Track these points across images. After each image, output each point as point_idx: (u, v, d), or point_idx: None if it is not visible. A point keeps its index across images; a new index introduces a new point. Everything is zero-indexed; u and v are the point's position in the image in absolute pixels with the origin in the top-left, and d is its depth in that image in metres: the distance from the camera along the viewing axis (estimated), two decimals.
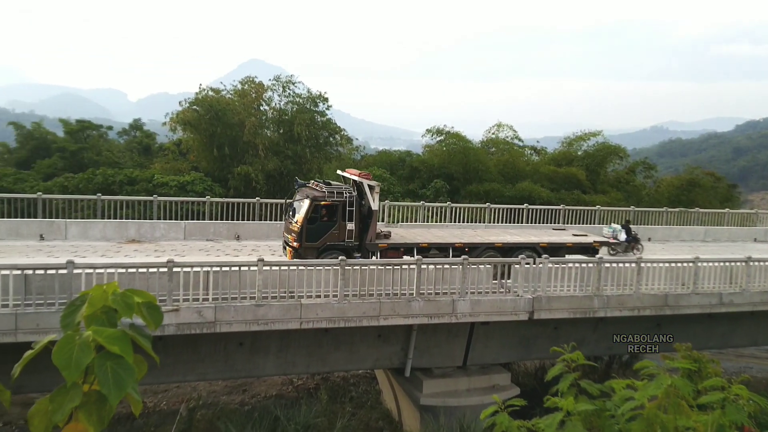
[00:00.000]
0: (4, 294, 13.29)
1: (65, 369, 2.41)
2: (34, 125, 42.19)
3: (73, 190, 27.69)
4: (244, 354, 16.57)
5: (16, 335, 13.18)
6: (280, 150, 32.81)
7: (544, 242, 20.11)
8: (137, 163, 36.94)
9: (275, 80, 34.87)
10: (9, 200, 22.04)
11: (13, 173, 31.22)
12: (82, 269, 13.91)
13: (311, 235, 18.15)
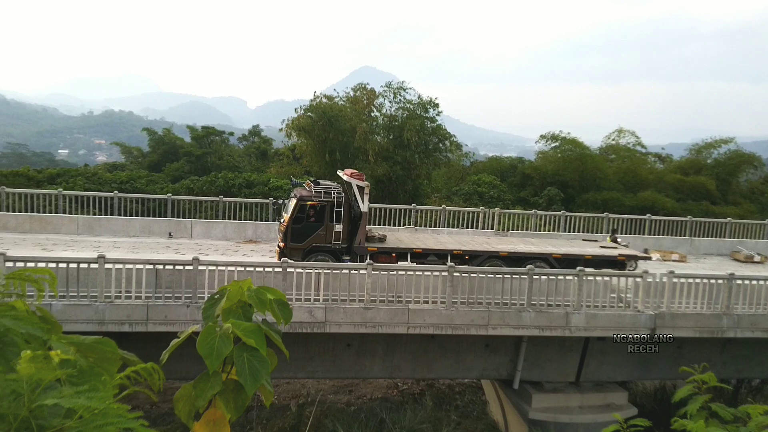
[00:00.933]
0: (137, 286, 14.31)
1: (208, 358, 2.52)
2: (164, 131, 45.46)
3: (198, 191, 29.45)
4: (352, 355, 16.83)
5: (146, 325, 14.14)
6: (390, 155, 33.21)
7: (558, 253, 18.76)
8: (255, 167, 38.74)
9: (387, 87, 35.39)
10: (142, 200, 23.81)
11: (146, 175, 33.71)
12: (206, 266, 14.71)
13: (297, 235, 17.75)
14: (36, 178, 32.22)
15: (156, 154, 41.96)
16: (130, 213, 23.27)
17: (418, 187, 34.01)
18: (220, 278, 14.57)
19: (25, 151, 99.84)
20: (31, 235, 20.98)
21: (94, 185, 30.10)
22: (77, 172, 35.32)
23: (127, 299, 14.26)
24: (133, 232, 22.10)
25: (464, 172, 39.31)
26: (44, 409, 1.38)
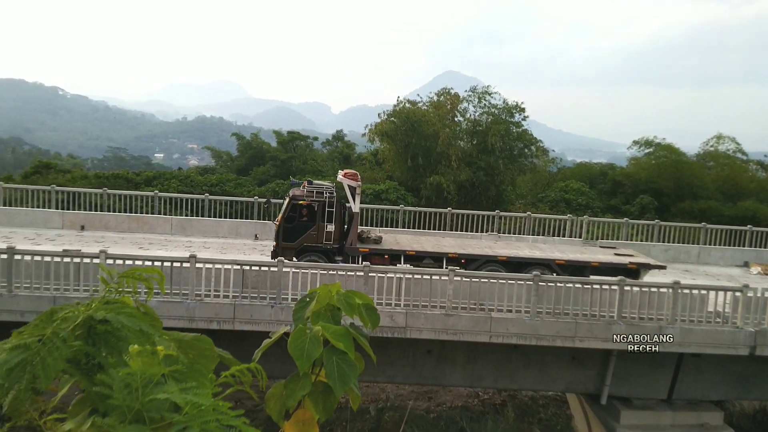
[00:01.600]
0: (225, 286, 14.84)
1: (298, 359, 2.55)
2: (252, 136, 47.05)
3: (283, 194, 30.24)
4: (432, 362, 16.74)
5: (233, 323, 14.63)
6: (473, 161, 32.88)
7: (561, 259, 17.77)
8: (338, 171, 39.38)
9: (471, 91, 35.09)
10: (230, 203, 24.72)
11: (234, 179, 34.96)
12: (290, 268, 15.06)
13: (288, 234, 17.72)
14: (134, 180, 34.08)
15: (244, 158, 43.47)
16: (219, 215, 24.20)
17: (501, 194, 33.48)
18: (303, 281, 14.86)
19: (124, 155, 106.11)
20: (129, 234, 22.21)
21: (187, 187, 31.49)
22: (171, 175, 37.10)
23: (216, 298, 14.81)
24: (222, 233, 22.96)
25: (551, 179, 38.38)
26: (155, 403, 1.42)
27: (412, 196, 31.22)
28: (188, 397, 1.44)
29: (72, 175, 36.28)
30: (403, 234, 21.35)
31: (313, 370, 2.62)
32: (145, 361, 1.73)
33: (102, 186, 26.55)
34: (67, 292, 14.58)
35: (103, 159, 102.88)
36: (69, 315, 1.54)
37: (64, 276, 14.66)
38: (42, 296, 14.47)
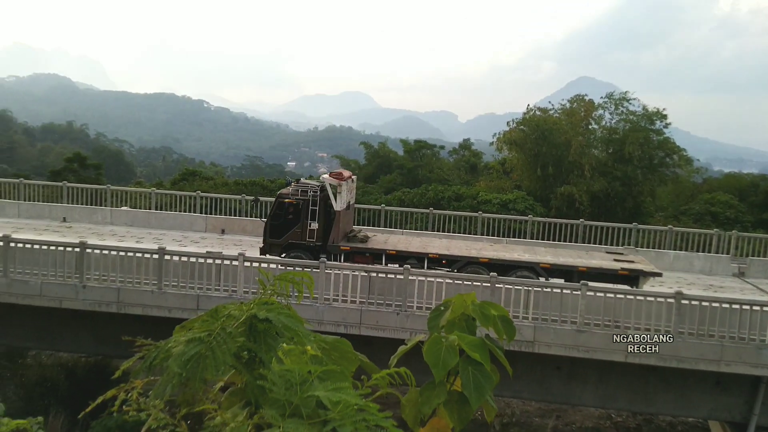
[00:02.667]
0: (353, 291, 15.23)
1: (434, 367, 2.55)
2: (379, 145, 48.07)
3: (409, 203, 30.55)
4: (561, 379, 16.12)
5: (359, 328, 14.96)
6: (608, 170, 31.39)
7: (547, 263, 16.88)
8: (464, 180, 39.17)
9: (607, 98, 33.60)
10: (358, 210, 25.39)
11: (362, 186, 35.86)
12: (416, 276, 15.18)
13: (274, 231, 17.95)
14: (269, 187, 35.97)
15: (371, 167, 44.49)
16: (354, 222, 24.91)
17: (639, 205, 31.65)
18: (429, 289, 14.91)
19: (260, 163, 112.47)
20: None
21: None
22: None
23: (344, 303, 15.23)
24: None
25: (695, 190, 35.74)
26: (312, 399, 1.48)
27: (541, 206, 30.36)
28: (342, 396, 1.49)
29: (214, 181, 39.01)
30: (394, 235, 20.81)
31: (447, 379, 2.61)
32: (295, 360, 1.81)
33: (240, 192, 28.26)
34: (209, 291, 15.66)
35: (241, 167, 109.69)
36: (233, 313, 1.65)
37: (207, 276, 15.75)
38: (187, 294, 15.64)
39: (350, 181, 19.30)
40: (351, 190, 19.44)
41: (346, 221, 18.95)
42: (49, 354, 22.50)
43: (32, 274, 16.01)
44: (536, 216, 25.95)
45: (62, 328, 17.50)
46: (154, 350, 1.56)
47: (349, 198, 19.11)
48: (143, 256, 16.01)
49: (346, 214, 18.77)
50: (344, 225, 18.59)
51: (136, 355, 1.69)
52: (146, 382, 2.00)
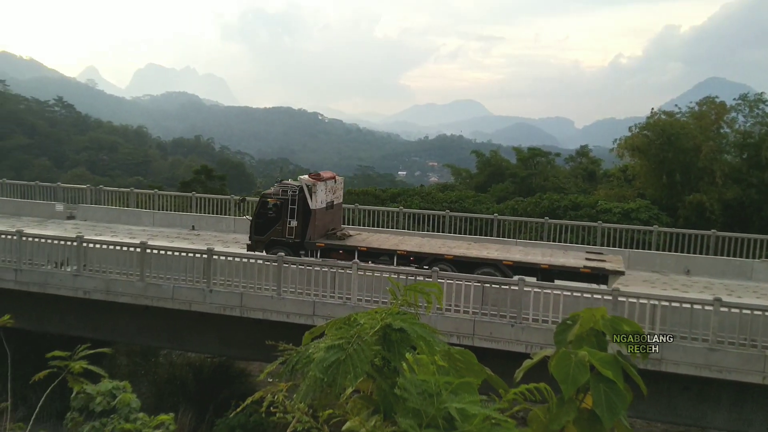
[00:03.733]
0: (466, 301, 15.08)
1: (563, 383, 2.45)
2: (491, 153, 47.49)
3: (522, 212, 29.88)
4: (690, 400, 15.04)
5: (473, 339, 14.77)
6: (742, 177, 29.04)
7: (510, 260, 17.30)
8: (581, 188, 37.78)
9: (741, 99, 31.18)
10: (469, 219, 25.15)
11: (473, 195, 35.54)
12: (531, 288, 14.78)
13: (258, 229, 19.12)
14: (381, 196, 36.52)
15: (483, 175, 44.02)
16: (458, 231, 24.74)
17: None
18: (545, 301, 14.47)
19: (371, 173, 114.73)
20: None
21: (428, 204, 32.80)
22: (414, 192, 39.00)
23: (456, 312, 15.11)
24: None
25: None
26: (448, 410, 1.46)
27: (667, 216, 28.60)
28: (480, 410, 1.45)
29: None
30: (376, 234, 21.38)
31: (576, 396, 2.51)
32: (423, 370, 1.79)
33: (353, 201, 28.92)
34: (324, 298, 16.11)
35: (353, 176, 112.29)
36: (368, 322, 1.66)
37: (322, 283, 16.22)
38: (304, 300, 16.18)
39: (333, 182, 20.12)
40: (334, 190, 20.25)
41: (328, 219, 19.81)
42: (179, 354, 24.08)
43: (165, 279, 17.22)
44: (662, 226, 24.49)
45: (191, 330, 18.67)
46: (295, 355, 1.61)
47: (332, 198, 20.03)
48: (264, 263, 16.77)
49: (326, 213, 19.62)
50: (323, 223, 19.48)
51: (279, 359, 1.75)
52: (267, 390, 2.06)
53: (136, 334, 19.54)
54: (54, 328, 19.59)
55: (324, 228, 19.51)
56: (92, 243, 18.13)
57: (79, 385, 4.67)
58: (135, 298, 17.34)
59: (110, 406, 5.49)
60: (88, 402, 5.40)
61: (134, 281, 17.31)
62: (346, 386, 1.51)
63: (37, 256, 18.30)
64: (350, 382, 1.51)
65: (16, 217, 26.44)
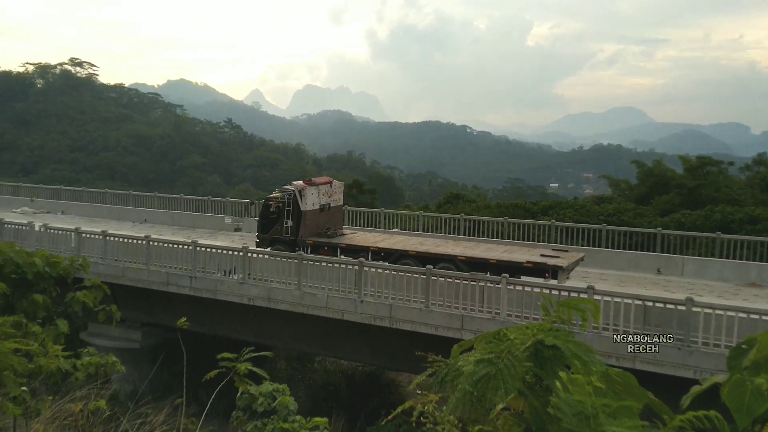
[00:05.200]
0: (625, 321, 14.19)
1: (737, 412, 2.26)
2: (654, 163, 44.45)
3: (690, 226, 27.62)
4: None
5: (634, 362, 13.81)
6: None
7: (464, 256, 18.65)
8: (759, 200, 34.18)
9: None
10: (628, 233, 23.69)
11: (633, 208, 33.47)
12: (701, 308, 13.59)
13: (262, 228, 21.65)
14: (531, 209, 35.60)
15: (644, 187, 41.28)
16: (616, 246, 23.41)
17: None
18: (717, 323, 13.22)
19: (521, 185, 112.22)
20: None
21: (582, 217, 31.43)
22: (567, 204, 37.56)
23: (614, 331, 14.27)
24: (620, 265, 22.09)
25: None
26: None
27: None
28: None
29: (476, 204, 39.92)
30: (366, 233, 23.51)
31: (753, 428, 2.28)
32: (577, 390, 1.71)
33: (502, 215, 28.47)
34: (472, 312, 15.98)
35: (502, 189, 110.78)
36: (518, 337, 1.63)
37: (470, 297, 16.11)
38: (452, 314, 16.16)
39: (328, 186, 22.38)
40: (330, 194, 22.35)
41: (322, 220, 21.67)
42: (332, 361, 25.08)
43: (320, 288, 18.07)
44: None
45: (343, 339, 19.40)
46: (444, 367, 1.61)
47: (328, 201, 22.08)
48: (412, 276, 17.01)
49: (319, 214, 21.53)
50: (316, 223, 21.33)
51: (428, 371, 1.76)
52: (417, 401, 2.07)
53: (294, 339, 20.67)
54: (222, 331, 21.29)
55: (317, 227, 21.39)
56: (255, 253, 19.53)
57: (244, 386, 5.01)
58: (293, 305, 18.36)
59: (270, 407, 5.84)
60: (251, 402, 5.80)
61: (292, 290, 18.34)
62: (496, 402, 1.48)
63: (209, 265, 20.04)
64: (500, 398, 1.47)
65: (191, 228, 29.16)
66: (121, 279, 20.68)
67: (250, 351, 5.49)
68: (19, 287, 5.95)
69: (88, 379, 6.10)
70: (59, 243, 22.36)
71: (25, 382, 4.17)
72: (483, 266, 18.11)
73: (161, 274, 20.47)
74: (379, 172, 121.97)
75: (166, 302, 21.42)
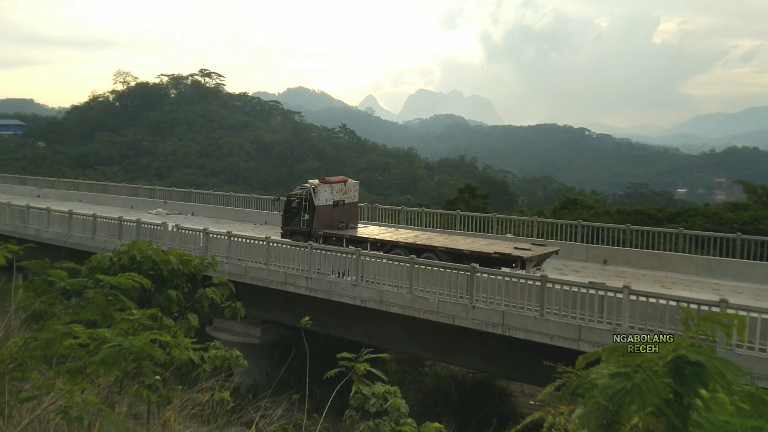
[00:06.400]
0: (762, 337, 13.05)
1: None
2: None
3: None
4: None
5: None
6: None
7: (443, 246, 20.68)
8: None
9: None
10: (766, 243, 21.78)
11: None
12: None
13: (285, 221, 24.49)
14: (656, 216, 33.64)
15: None
16: (753, 256, 21.60)
17: None
18: None
19: (645, 191, 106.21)
20: (650, 272, 21.86)
21: (714, 225, 29.32)
22: (696, 211, 35.18)
23: (760, 351, 13.16)
24: (757, 277, 20.39)
25: None
26: None
27: None
28: None
29: (595, 210, 38.29)
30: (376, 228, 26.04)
31: None
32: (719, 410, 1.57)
33: (624, 221, 27.09)
34: (591, 323, 15.31)
35: (623, 195, 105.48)
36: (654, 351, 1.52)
37: (589, 306, 15.45)
38: (569, 324, 15.58)
39: (342, 185, 24.84)
40: (344, 191, 24.79)
41: (336, 214, 24.21)
42: (443, 366, 24.99)
43: (431, 293, 18.07)
44: None
45: (454, 344, 19.28)
46: (575, 379, 1.54)
47: (342, 197, 24.53)
48: (526, 282, 16.59)
49: (332, 209, 24.09)
50: (329, 217, 23.94)
51: (556, 382, 1.70)
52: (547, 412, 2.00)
53: (404, 342, 20.81)
54: (334, 331, 21.86)
55: (329, 221, 23.95)
56: (368, 257, 19.88)
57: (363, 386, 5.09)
58: (404, 309, 18.50)
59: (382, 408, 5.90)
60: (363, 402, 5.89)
61: (404, 293, 18.49)
62: (632, 416, 1.39)
63: (324, 267, 20.65)
64: (637, 413, 1.38)
65: None
66: (243, 277, 21.77)
67: (368, 352, 5.58)
68: (155, 283, 6.41)
69: (213, 371, 6.47)
70: (189, 242, 23.93)
71: (160, 371, 4.48)
72: (458, 256, 20.01)
73: (280, 273, 21.36)
74: (491, 176, 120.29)
75: (283, 301, 22.32)
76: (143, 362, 3.80)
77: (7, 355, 3.07)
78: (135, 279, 4.64)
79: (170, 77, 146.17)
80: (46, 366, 3.33)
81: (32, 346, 3.41)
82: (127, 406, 5.15)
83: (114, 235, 26.16)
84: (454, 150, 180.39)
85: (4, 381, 2.97)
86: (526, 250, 19.63)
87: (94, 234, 27.02)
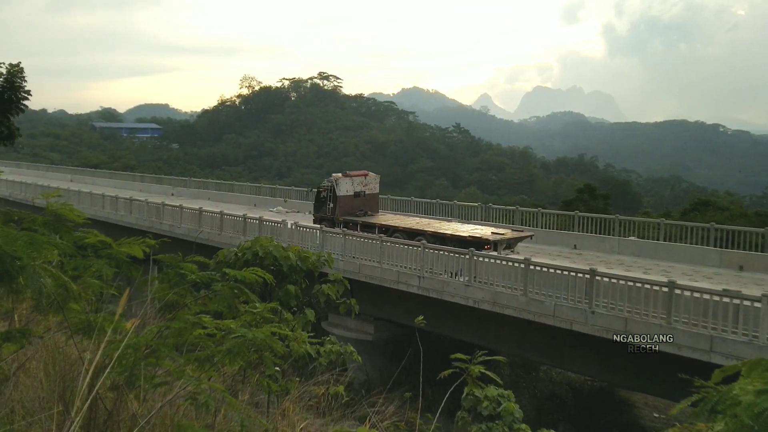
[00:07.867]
0: None
1: None
2: None
3: None
4: None
5: None
6: None
7: (431, 230, 23.75)
8: None
9: None
10: None
11: None
12: None
13: (316, 209, 28.68)
14: None
15: None
16: None
17: None
18: None
19: None
20: None
21: None
22: None
23: None
24: None
25: None
26: None
27: None
28: None
29: (730, 212, 35.55)
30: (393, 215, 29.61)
31: None
32: None
33: (763, 225, 24.91)
34: (724, 333, 14.20)
35: (762, 196, 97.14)
36: None
37: (722, 316, 14.34)
38: (699, 333, 14.54)
39: (362, 178, 28.51)
40: (365, 184, 28.44)
41: (356, 204, 27.80)
42: (558, 371, 24.20)
43: (547, 296, 17.52)
44: None
45: (571, 349, 18.58)
46: (714, 394, 1.41)
47: (362, 189, 28.20)
48: (651, 288, 15.68)
49: (353, 199, 27.73)
50: (350, 206, 27.49)
51: (693, 397, 1.57)
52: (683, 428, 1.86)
53: (518, 346, 20.33)
54: (446, 330, 21.77)
55: (350, 209, 27.48)
56: (480, 257, 19.64)
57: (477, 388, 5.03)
58: (518, 311, 18.08)
59: (495, 412, 5.78)
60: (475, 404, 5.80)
61: (518, 296, 18.07)
62: None
63: (436, 266, 20.64)
64: None
65: None
66: (357, 275, 22.24)
67: (482, 354, 5.51)
68: (275, 278, 6.68)
69: (328, 365, 6.65)
70: (306, 240, 24.81)
71: (280, 362, 4.66)
72: (442, 239, 22.88)
73: (392, 272, 21.61)
74: (613, 176, 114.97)
75: (395, 299, 22.56)
76: (264, 353, 3.96)
77: (143, 342, 3.31)
78: (258, 273, 4.85)
79: (291, 81, 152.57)
80: (177, 354, 3.57)
81: (165, 334, 3.66)
82: (249, 394, 5.40)
83: (239, 231, 27.65)
84: (572, 149, 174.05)
85: (140, 366, 3.20)
86: (499, 234, 22.67)
87: (221, 230, 28.70)
